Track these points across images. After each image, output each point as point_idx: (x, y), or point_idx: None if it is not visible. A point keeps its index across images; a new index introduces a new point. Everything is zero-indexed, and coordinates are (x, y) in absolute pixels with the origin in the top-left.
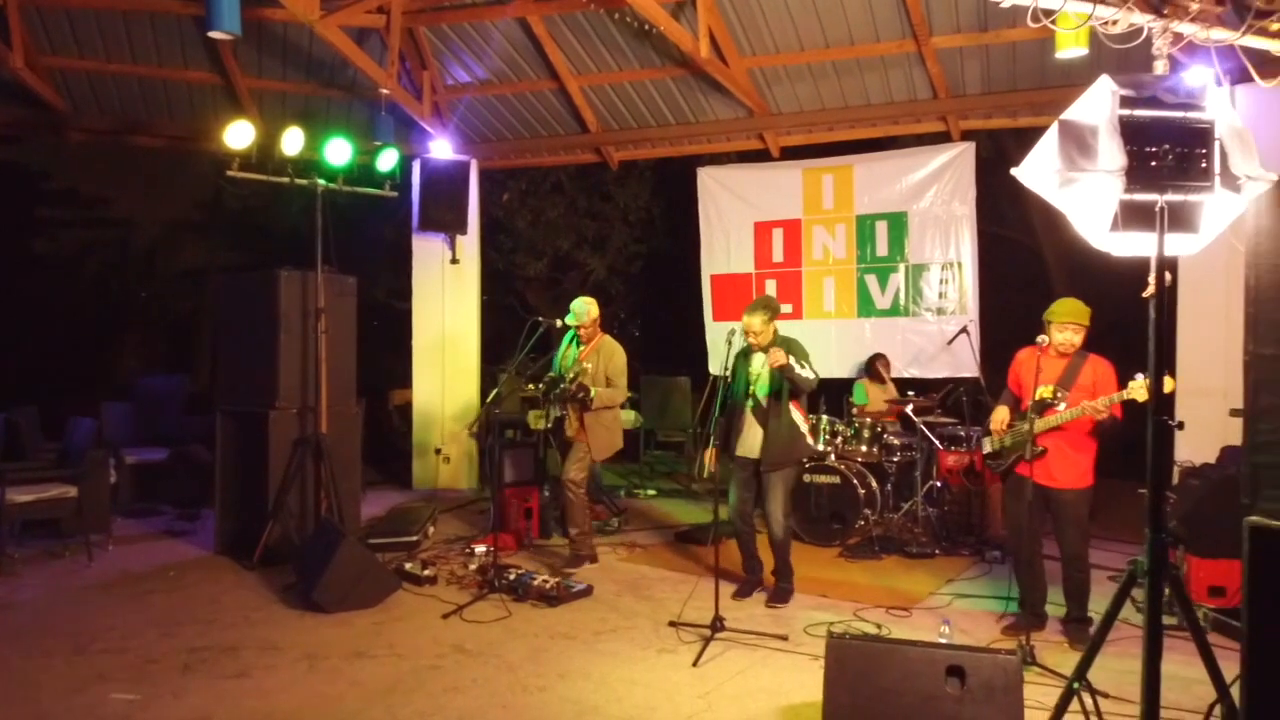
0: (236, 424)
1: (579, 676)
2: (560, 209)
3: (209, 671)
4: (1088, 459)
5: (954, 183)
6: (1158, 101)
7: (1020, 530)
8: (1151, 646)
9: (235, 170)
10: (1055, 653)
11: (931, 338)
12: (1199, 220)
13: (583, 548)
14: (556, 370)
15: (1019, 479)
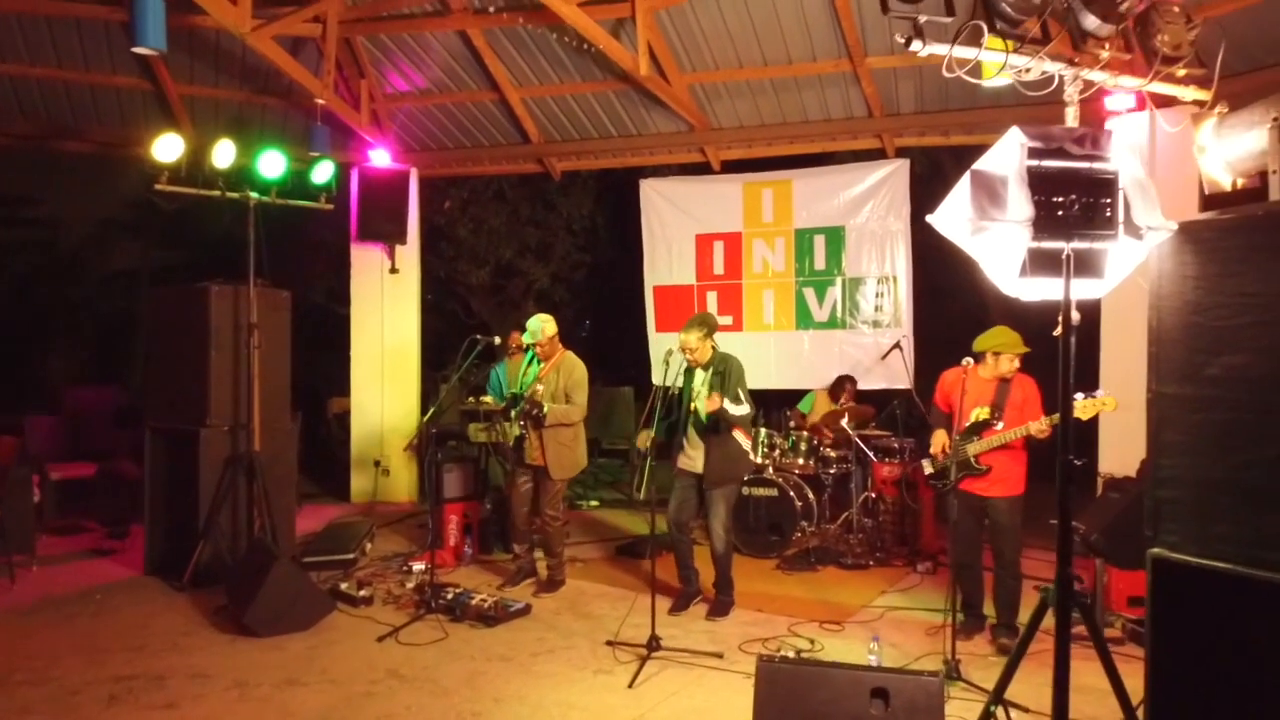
0: (167, 441)
1: (514, 701)
2: (503, 217)
3: (135, 702)
4: (1021, 469)
5: (889, 199)
6: (1065, 153)
7: (961, 539)
8: (1060, 671)
9: (164, 184)
10: (982, 667)
11: (867, 350)
12: (1104, 266)
13: (558, 573)
14: (495, 385)
15: (961, 494)
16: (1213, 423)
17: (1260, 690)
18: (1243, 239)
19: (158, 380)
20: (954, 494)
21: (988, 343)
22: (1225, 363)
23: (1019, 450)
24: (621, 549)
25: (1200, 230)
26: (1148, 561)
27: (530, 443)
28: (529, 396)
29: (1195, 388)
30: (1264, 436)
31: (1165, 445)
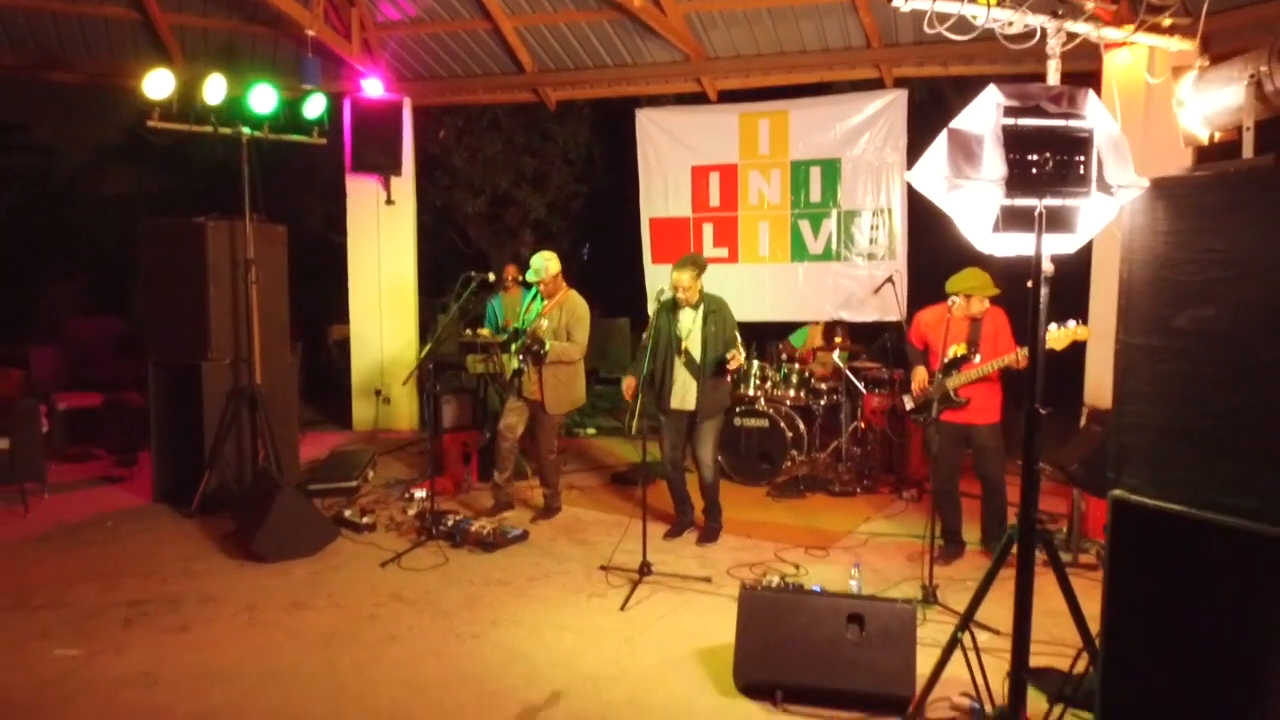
0: (169, 374)
1: (511, 624)
2: (498, 146)
3: (150, 625)
4: (998, 398)
5: (886, 130)
6: (1041, 111)
7: (942, 468)
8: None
9: (156, 120)
10: (959, 590)
11: (861, 282)
12: (1076, 222)
13: (554, 501)
14: (491, 317)
15: (944, 425)
16: (1176, 373)
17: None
18: (1213, 196)
19: (157, 315)
20: (935, 426)
21: (960, 284)
22: (1191, 316)
23: (995, 381)
24: (617, 476)
25: (1173, 187)
26: (1109, 502)
27: (529, 377)
28: (532, 332)
29: (1161, 339)
30: (1223, 388)
31: (1129, 393)
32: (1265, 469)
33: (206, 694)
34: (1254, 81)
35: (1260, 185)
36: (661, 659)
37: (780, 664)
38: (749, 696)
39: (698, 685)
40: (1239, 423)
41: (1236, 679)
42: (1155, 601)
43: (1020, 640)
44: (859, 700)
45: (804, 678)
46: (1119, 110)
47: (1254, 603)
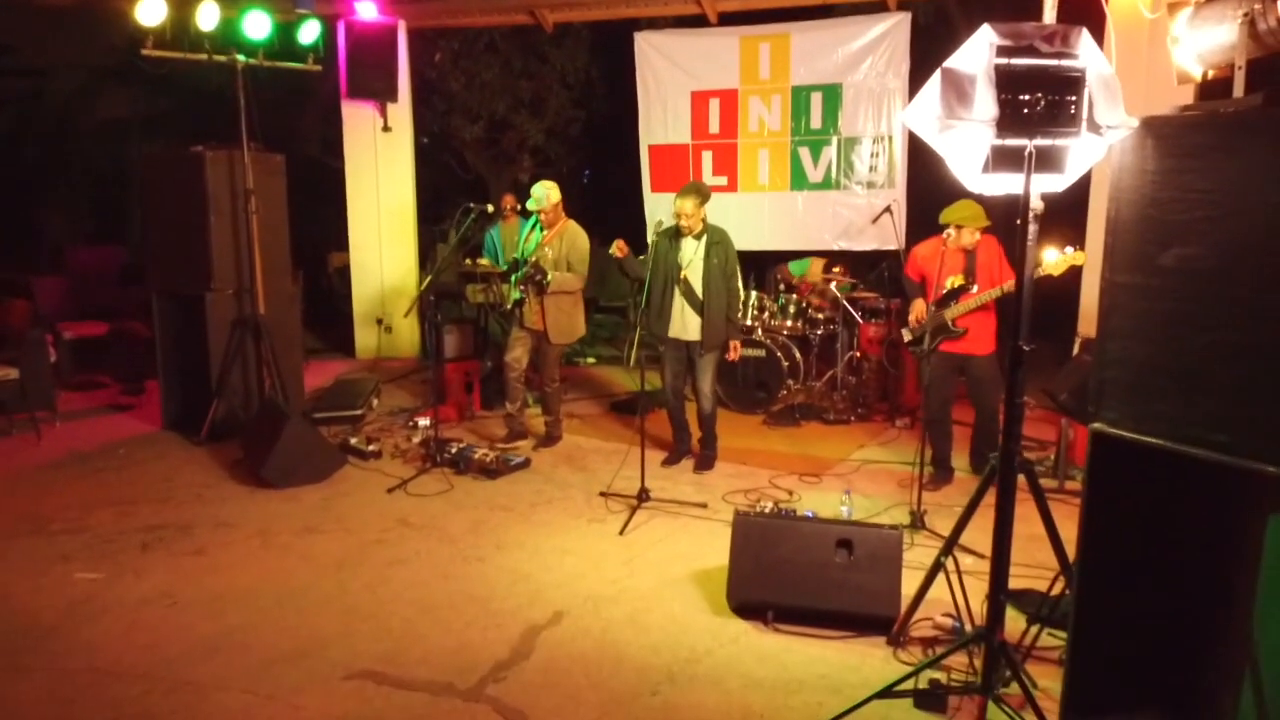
0: (173, 305)
1: (514, 547)
2: (495, 70)
3: (167, 549)
4: (993, 327)
5: (889, 55)
6: (1034, 50)
7: (935, 397)
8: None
9: (150, 49)
10: (947, 516)
11: (860, 211)
12: (1065, 162)
13: (555, 429)
14: (490, 247)
15: (941, 355)
16: (1159, 310)
17: (1178, 551)
18: (1201, 136)
19: (159, 245)
20: (932, 356)
21: (952, 215)
22: (1175, 255)
23: (990, 311)
24: (616, 405)
25: (1161, 126)
26: (1089, 435)
27: (530, 307)
28: (534, 262)
29: (1145, 277)
30: (1204, 325)
31: (1113, 329)
32: (1239, 405)
33: (224, 614)
34: (1247, 20)
35: (1247, 126)
36: (659, 580)
37: (772, 586)
38: (742, 616)
39: (693, 605)
40: (1217, 360)
41: (1204, 603)
42: (1129, 528)
43: (999, 564)
44: (846, 620)
45: (794, 599)
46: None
47: (1223, 531)
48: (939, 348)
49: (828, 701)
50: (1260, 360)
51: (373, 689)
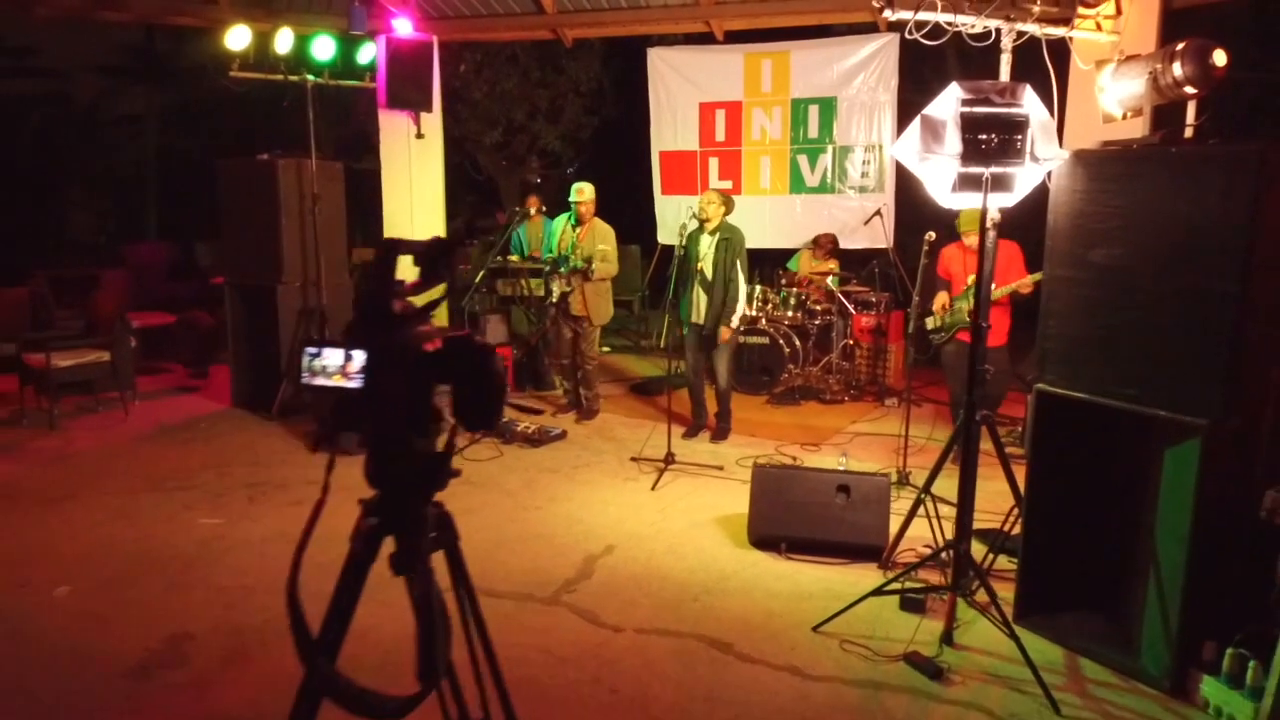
0: (243, 295)
1: (564, 500)
2: (514, 80)
3: (270, 501)
4: (1007, 323)
5: (879, 71)
6: (990, 101)
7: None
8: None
9: (236, 70)
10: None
11: (853, 213)
12: (1014, 185)
13: (594, 403)
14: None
15: (959, 344)
16: (1085, 297)
17: (1101, 482)
18: (1116, 166)
19: (233, 243)
20: (953, 343)
21: (964, 223)
22: (1098, 254)
23: (1005, 306)
24: (635, 387)
25: (1087, 157)
26: (1034, 392)
27: (575, 296)
28: (583, 256)
29: (1076, 271)
30: (1119, 307)
31: (1052, 312)
32: (1144, 368)
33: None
34: (1152, 76)
35: (1149, 158)
36: (688, 523)
37: (784, 523)
38: (760, 548)
39: (719, 541)
40: (1128, 334)
41: (1121, 521)
42: (1065, 464)
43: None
44: (845, 549)
45: (802, 533)
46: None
47: (1134, 463)
48: (956, 336)
49: (832, 605)
50: (1159, 334)
51: None
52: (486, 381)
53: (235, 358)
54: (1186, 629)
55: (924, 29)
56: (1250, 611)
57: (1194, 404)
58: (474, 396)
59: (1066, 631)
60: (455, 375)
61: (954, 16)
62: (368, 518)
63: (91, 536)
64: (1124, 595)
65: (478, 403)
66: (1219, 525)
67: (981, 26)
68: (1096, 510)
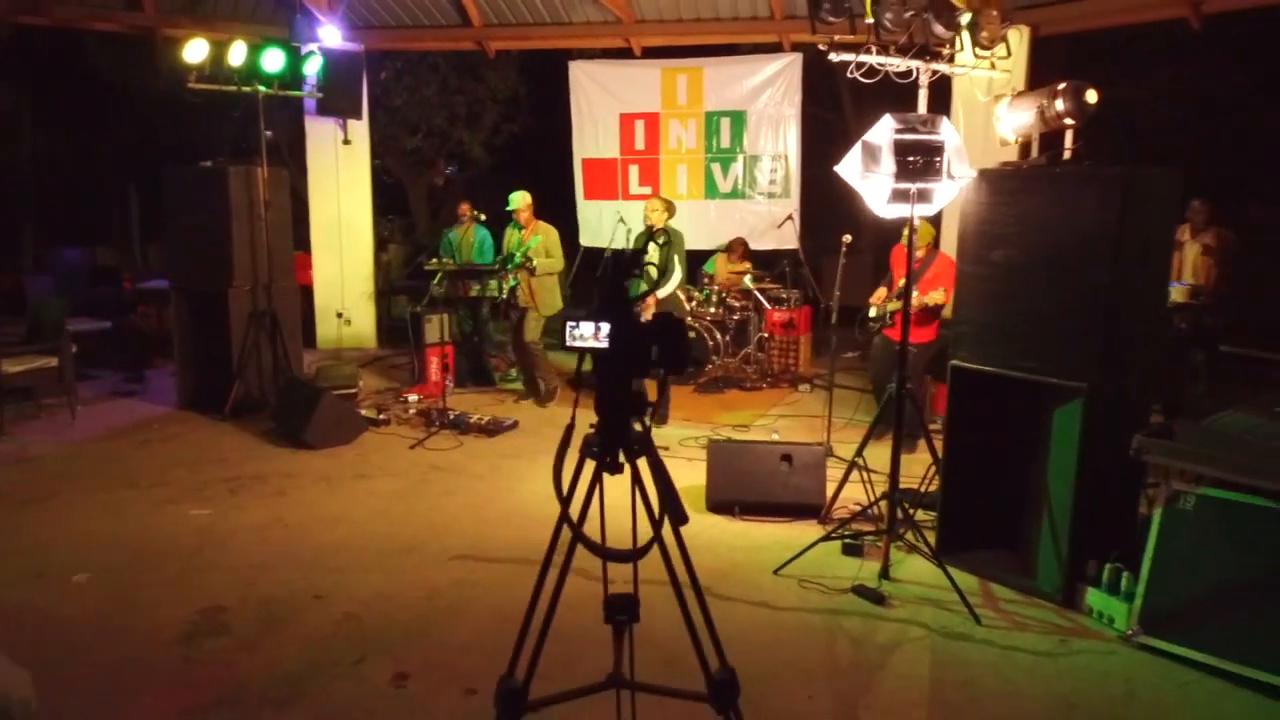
0: (190, 299)
1: (533, 480)
2: (434, 87)
3: (252, 493)
4: (933, 325)
5: (785, 88)
6: (916, 129)
7: (874, 366)
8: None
9: (194, 83)
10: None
11: (762, 217)
12: (934, 198)
13: (550, 383)
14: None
15: (885, 338)
16: (988, 289)
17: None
18: (1012, 182)
19: (179, 248)
20: (880, 336)
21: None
22: (998, 254)
23: (921, 313)
24: (572, 380)
25: (991, 175)
26: (950, 369)
27: (522, 289)
28: (526, 254)
29: (981, 268)
30: (1016, 297)
31: (963, 301)
32: (1037, 345)
33: (330, 530)
34: (1040, 109)
35: (1038, 176)
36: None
37: (737, 489)
38: (716, 513)
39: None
40: (1024, 319)
41: (1022, 472)
42: (976, 427)
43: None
44: (789, 509)
45: (752, 497)
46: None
47: (1030, 423)
48: (883, 331)
49: (786, 554)
50: (1049, 318)
51: (472, 564)
52: (680, 342)
53: (182, 360)
54: (1074, 552)
55: (862, 70)
56: (1123, 533)
57: (1077, 372)
58: (672, 351)
59: (979, 563)
60: (662, 339)
61: (885, 59)
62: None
63: (87, 530)
64: (1024, 530)
65: (675, 354)
66: (1098, 467)
67: (905, 66)
68: (1000, 463)
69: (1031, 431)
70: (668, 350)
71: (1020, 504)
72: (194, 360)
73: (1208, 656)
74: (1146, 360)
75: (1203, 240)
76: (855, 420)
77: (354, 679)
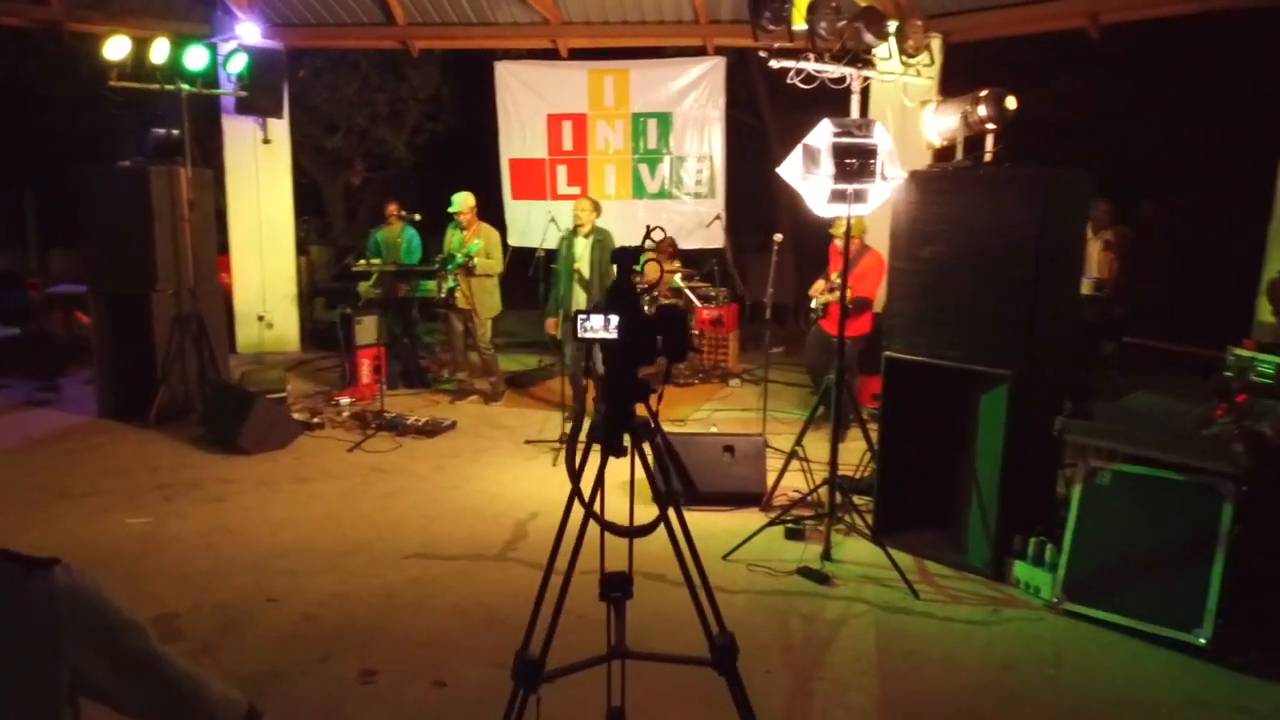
0: (110, 303)
1: (477, 479)
2: (354, 85)
3: (189, 499)
4: (864, 319)
5: (709, 90)
6: (852, 133)
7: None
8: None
9: (115, 80)
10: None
11: (689, 216)
12: (869, 198)
13: (499, 386)
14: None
15: (818, 329)
16: (919, 283)
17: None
18: (939, 183)
19: (99, 252)
20: (814, 327)
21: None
22: (927, 250)
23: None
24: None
25: (920, 176)
26: (883, 359)
27: (462, 291)
28: (466, 254)
29: (911, 264)
30: (944, 291)
31: (895, 295)
32: (963, 335)
33: (276, 534)
34: (963, 114)
35: (962, 177)
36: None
37: (682, 480)
38: None
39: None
40: (951, 312)
41: (952, 456)
42: (908, 414)
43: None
44: (733, 498)
45: (699, 487)
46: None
47: (959, 409)
48: (819, 322)
49: (732, 540)
50: (975, 310)
51: (427, 562)
52: (682, 332)
53: (102, 367)
54: (1001, 528)
55: (801, 75)
56: (1045, 509)
57: (1002, 360)
58: (675, 340)
59: (914, 543)
60: (665, 329)
61: (822, 65)
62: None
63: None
64: (954, 510)
65: (677, 343)
66: (1022, 448)
67: (839, 73)
68: (931, 448)
69: (960, 417)
70: (671, 339)
71: (950, 486)
72: (114, 366)
73: (1126, 619)
74: (1063, 349)
75: (1104, 237)
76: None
77: (320, 677)
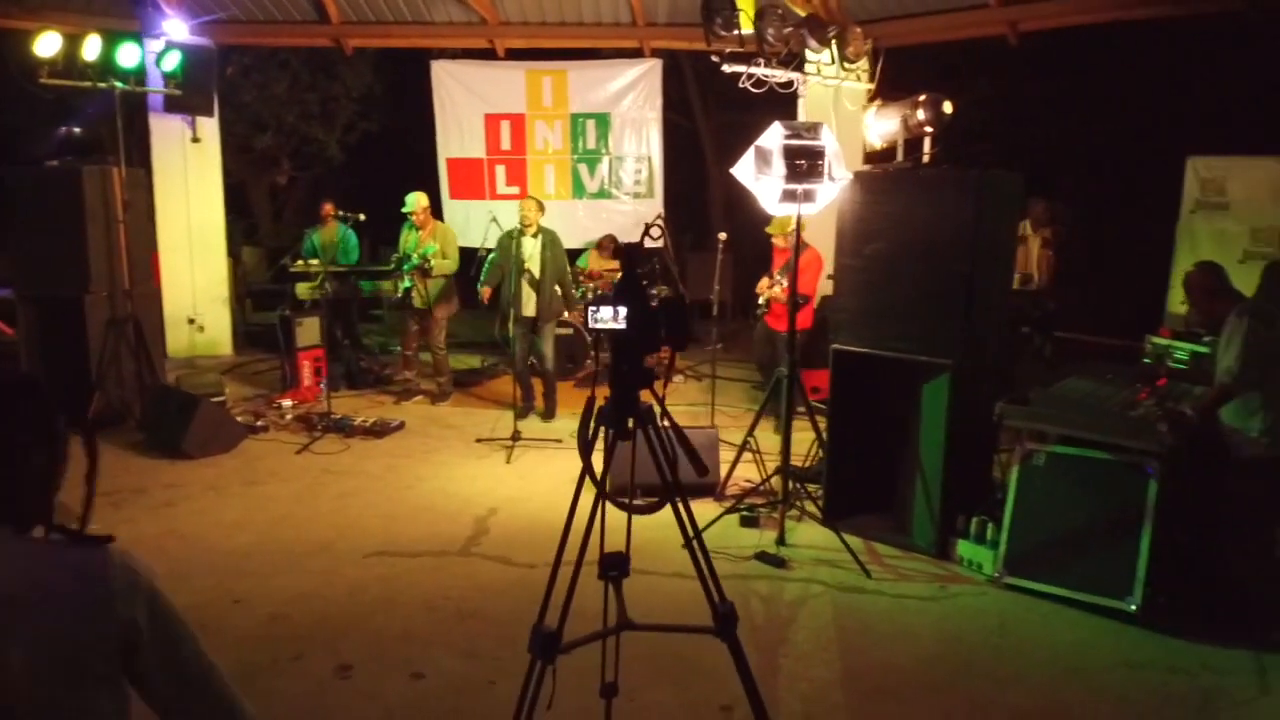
0: (39, 307)
1: (431, 478)
2: (285, 84)
3: (137, 506)
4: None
5: (646, 92)
6: (801, 136)
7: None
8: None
9: (46, 78)
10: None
11: (628, 215)
12: (818, 197)
13: (447, 387)
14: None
15: (763, 323)
16: (863, 279)
17: (882, 416)
18: (882, 183)
19: (27, 253)
20: (760, 322)
21: (771, 228)
22: (871, 247)
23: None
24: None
25: (864, 177)
26: (831, 351)
27: (418, 291)
28: (422, 255)
29: (856, 260)
30: (887, 286)
31: (841, 290)
32: (906, 327)
33: (233, 537)
34: (903, 118)
35: (903, 177)
36: (551, 485)
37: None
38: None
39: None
40: (894, 305)
41: (898, 443)
42: (855, 404)
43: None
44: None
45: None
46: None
47: (903, 398)
48: (764, 318)
49: None
50: (917, 303)
51: (391, 560)
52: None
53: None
54: (945, 509)
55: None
56: (984, 491)
57: (943, 350)
58: (677, 328)
59: (862, 527)
60: (668, 317)
61: (770, 70)
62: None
63: None
64: (900, 494)
65: (678, 331)
66: (962, 433)
67: (786, 77)
68: (877, 436)
69: (903, 406)
70: (673, 328)
71: (896, 471)
72: (44, 371)
73: (1063, 590)
74: (998, 340)
75: (1043, 234)
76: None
77: (297, 674)
